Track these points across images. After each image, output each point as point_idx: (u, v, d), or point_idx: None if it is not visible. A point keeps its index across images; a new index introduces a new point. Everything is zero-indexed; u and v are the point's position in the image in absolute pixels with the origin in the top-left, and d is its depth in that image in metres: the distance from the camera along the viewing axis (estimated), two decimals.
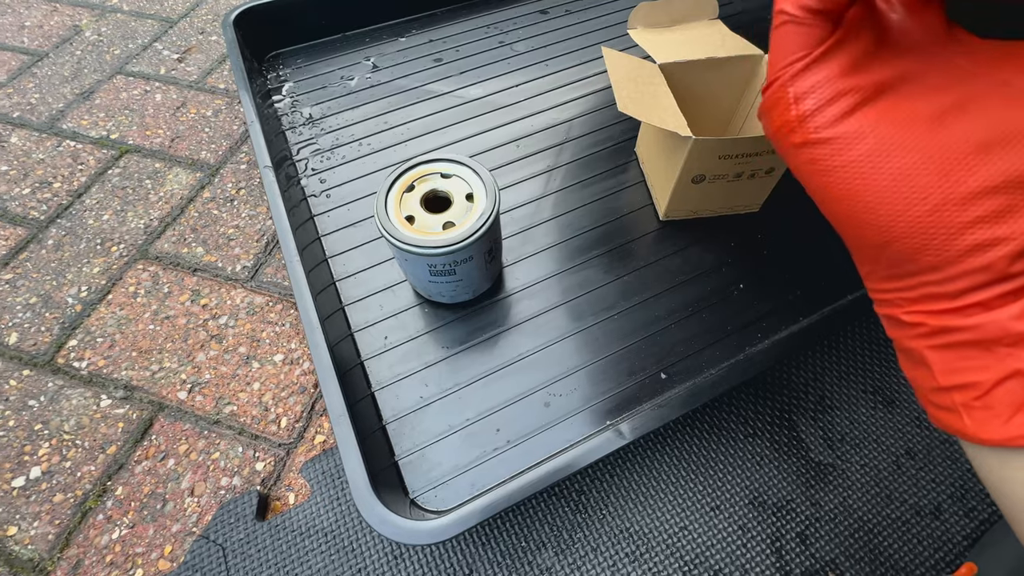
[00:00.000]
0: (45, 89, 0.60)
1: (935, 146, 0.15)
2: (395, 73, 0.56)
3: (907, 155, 0.15)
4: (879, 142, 0.15)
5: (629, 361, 0.38)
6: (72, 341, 0.42)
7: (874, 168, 0.15)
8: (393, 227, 0.34)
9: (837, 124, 0.16)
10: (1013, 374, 0.14)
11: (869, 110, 0.16)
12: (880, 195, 0.15)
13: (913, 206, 0.15)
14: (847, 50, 0.16)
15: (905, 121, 0.15)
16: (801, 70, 0.16)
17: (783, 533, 0.33)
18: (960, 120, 0.15)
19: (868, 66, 0.16)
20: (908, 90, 0.16)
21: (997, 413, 0.15)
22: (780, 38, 0.17)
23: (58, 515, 0.35)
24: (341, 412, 0.31)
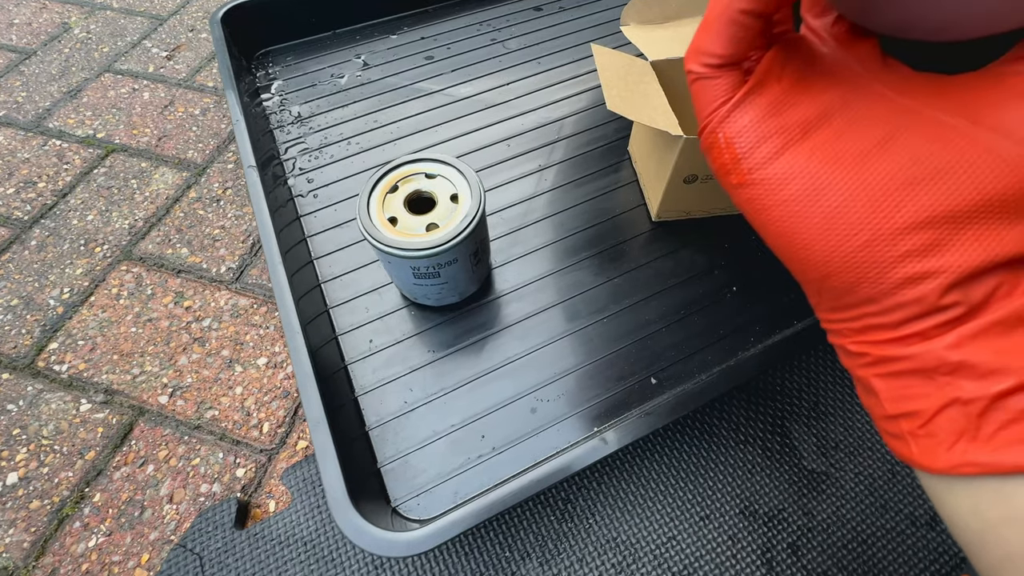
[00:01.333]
0: (32, 87, 0.59)
1: (862, 184, 0.15)
2: (386, 71, 0.56)
3: (836, 194, 0.15)
4: (809, 181, 0.16)
5: (619, 366, 0.37)
6: (53, 344, 0.41)
7: (806, 207, 0.16)
8: (375, 229, 0.33)
9: (767, 166, 0.16)
10: (952, 402, 0.14)
11: (798, 150, 0.16)
12: (814, 232, 0.16)
13: (845, 242, 0.15)
14: (766, 93, 0.17)
15: (833, 160, 0.16)
16: (725, 116, 0.17)
17: (774, 543, 0.32)
18: (887, 157, 0.15)
19: (794, 104, 0.16)
20: (836, 127, 0.16)
21: (940, 441, 0.15)
22: (697, 92, 0.17)
23: (34, 522, 0.34)
24: (319, 419, 0.30)
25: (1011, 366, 0.14)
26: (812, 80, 0.17)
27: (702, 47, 0.17)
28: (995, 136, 0.14)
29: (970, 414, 0.14)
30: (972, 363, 0.14)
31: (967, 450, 0.14)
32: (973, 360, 0.14)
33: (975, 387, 0.14)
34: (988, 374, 0.14)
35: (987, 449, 0.14)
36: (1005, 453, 0.14)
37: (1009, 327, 0.14)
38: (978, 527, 0.15)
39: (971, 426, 0.14)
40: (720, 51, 0.16)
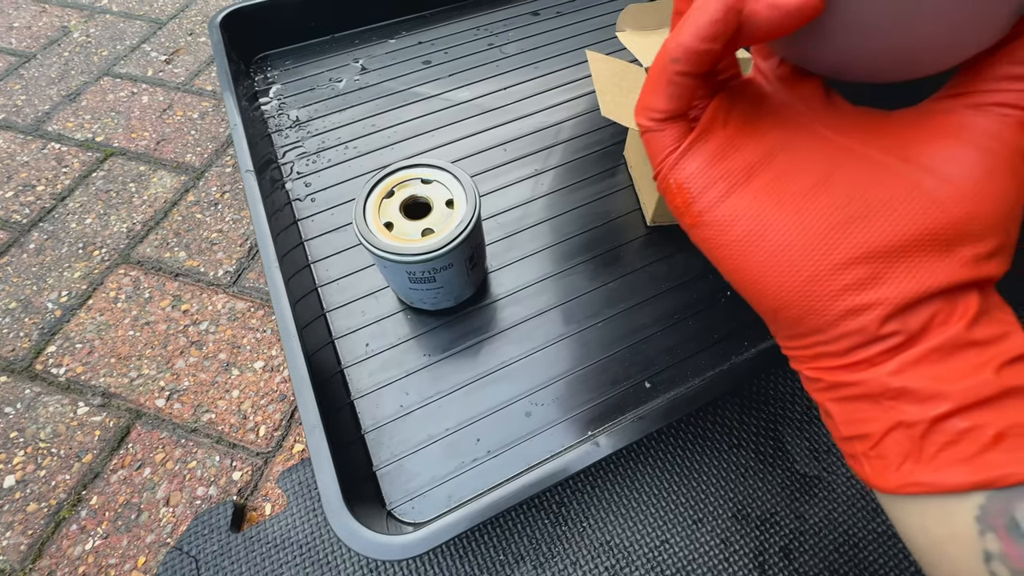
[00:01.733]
0: (32, 91, 0.59)
1: (802, 223, 0.16)
2: (384, 75, 0.56)
3: (779, 234, 0.16)
4: (753, 222, 0.17)
5: (613, 370, 0.37)
6: (51, 347, 0.42)
7: (752, 246, 0.17)
8: (371, 234, 0.33)
9: (715, 208, 0.17)
10: (897, 425, 0.15)
11: (742, 192, 0.17)
12: (761, 270, 0.17)
13: (789, 278, 0.16)
14: (712, 140, 0.17)
15: (775, 201, 0.17)
16: (674, 164, 0.18)
17: (766, 547, 0.32)
18: (824, 197, 0.16)
19: (738, 148, 0.17)
20: (778, 169, 0.17)
21: (888, 462, 0.16)
22: (649, 143, 0.18)
23: (31, 525, 0.34)
24: (315, 423, 0.31)
25: (948, 391, 0.14)
26: (757, 123, 0.18)
27: (647, 103, 0.18)
28: (922, 173, 0.15)
29: (913, 436, 0.15)
30: (913, 389, 0.15)
31: (912, 471, 0.15)
32: (913, 386, 0.15)
33: (916, 411, 0.15)
34: (927, 399, 0.15)
35: (929, 469, 0.15)
36: (946, 473, 0.15)
37: (946, 353, 0.15)
38: (927, 544, 0.16)
39: (915, 448, 0.15)
40: (663, 107, 0.17)
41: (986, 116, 0.15)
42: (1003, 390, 0.14)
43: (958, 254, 0.15)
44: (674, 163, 0.18)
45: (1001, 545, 0.14)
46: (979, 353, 0.15)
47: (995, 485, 0.14)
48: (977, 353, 0.15)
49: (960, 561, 0.15)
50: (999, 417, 0.14)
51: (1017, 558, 0.14)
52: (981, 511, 0.14)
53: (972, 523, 0.14)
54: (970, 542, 0.14)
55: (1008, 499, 0.14)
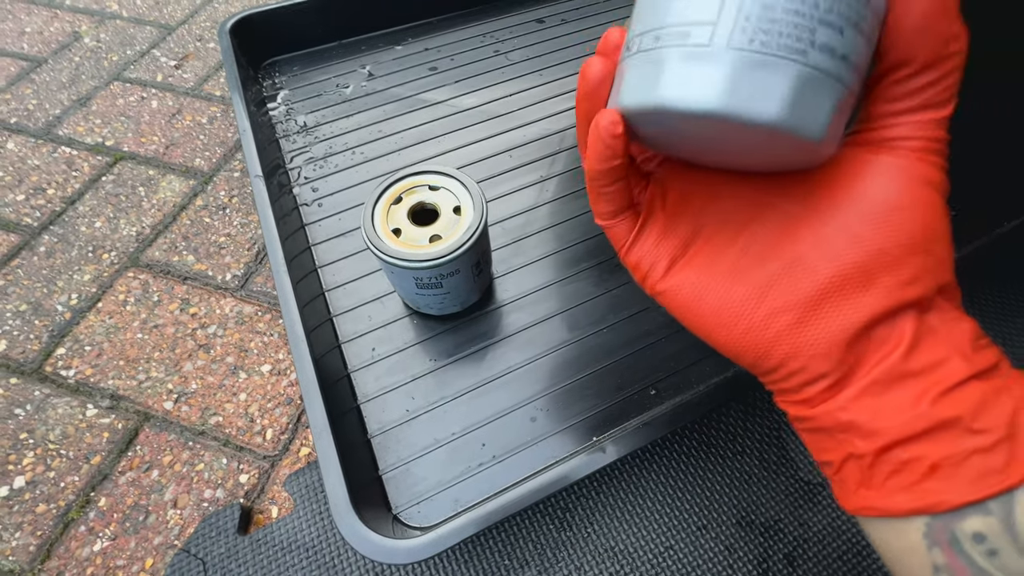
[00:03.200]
0: (43, 95, 0.60)
1: (731, 287, 0.18)
2: (390, 81, 0.56)
3: (714, 296, 0.19)
4: (693, 289, 0.19)
5: (618, 376, 0.37)
6: (60, 349, 0.42)
7: (696, 308, 0.19)
8: (379, 240, 0.33)
9: (662, 281, 0.20)
10: (849, 456, 0.17)
11: (682, 267, 0.20)
12: (709, 326, 0.19)
13: (731, 331, 0.18)
14: (652, 228, 0.20)
15: (708, 271, 0.19)
16: (627, 251, 0.21)
17: (771, 554, 0.32)
18: (748, 259, 0.18)
19: (675, 227, 0.20)
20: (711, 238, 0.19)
21: (847, 487, 0.17)
22: (608, 235, 0.22)
23: (40, 526, 0.35)
24: (323, 427, 0.31)
25: (886, 426, 0.16)
26: (689, 198, 0.20)
27: (594, 208, 0.21)
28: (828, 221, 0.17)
29: (863, 466, 0.16)
30: (857, 423, 0.16)
31: (866, 496, 0.17)
32: (858, 420, 0.16)
33: (863, 444, 0.16)
34: (870, 433, 0.16)
35: (879, 496, 0.16)
36: (892, 499, 0.16)
37: (884, 385, 0.16)
38: (890, 556, 0.18)
39: (865, 476, 0.17)
40: (605, 210, 0.21)
41: (884, 152, 0.16)
42: (937, 422, 0.15)
43: (877, 286, 0.16)
44: (627, 249, 0.21)
45: (945, 559, 0.15)
46: (916, 383, 0.16)
47: (933, 511, 0.15)
48: (915, 383, 0.16)
49: (916, 571, 0.16)
50: (935, 448, 0.15)
51: (958, 570, 0.15)
52: (927, 528, 0.16)
53: (921, 539, 0.16)
54: (922, 555, 0.16)
55: (948, 520, 0.15)
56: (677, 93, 0.14)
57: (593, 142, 0.18)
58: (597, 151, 0.18)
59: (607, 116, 0.17)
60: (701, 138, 0.16)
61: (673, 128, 0.16)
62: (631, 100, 0.16)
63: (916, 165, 0.16)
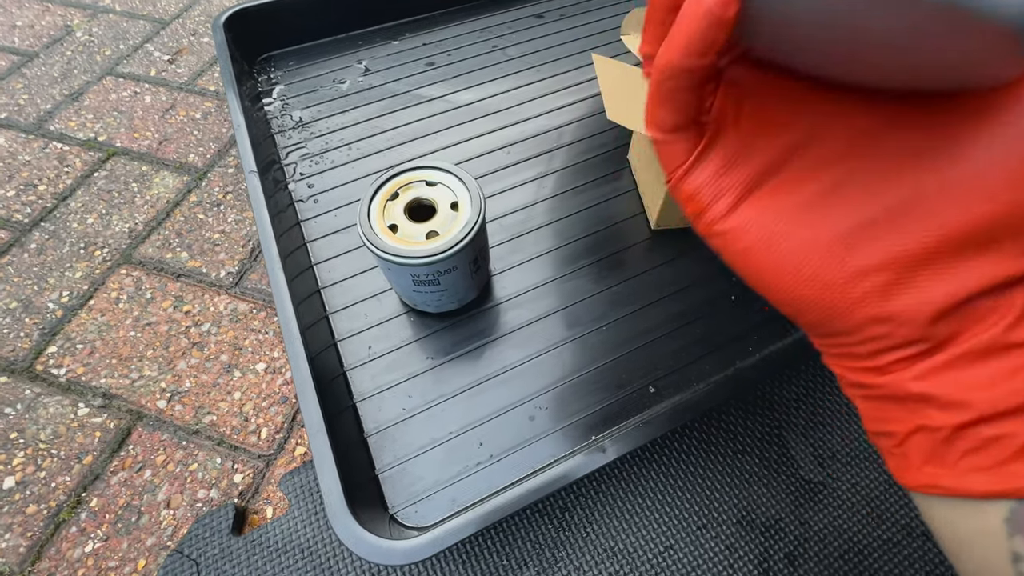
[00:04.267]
0: (34, 90, 0.59)
1: (813, 232, 0.15)
2: (387, 77, 0.56)
3: (789, 243, 0.16)
4: (763, 233, 0.16)
5: (617, 374, 0.37)
6: (51, 347, 0.41)
7: (763, 255, 0.16)
8: (375, 236, 0.33)
9: (724, 220, 0.17)
10: (920, 428, 0.15)
11: (751, 203, 0.16)
12: (774, 278, 0.16)
13: (804, 287, 0.16)
14: (719, 150, 0.17)
15: (784, 210, 0.16)
16: (683, 175, 0.17)
17: (771, 553, 0.32)
18: (840, 200, 0.15)
19: (750, 151, 0.16)
20: (794, 170, 0.16)
21: (911, 462, 0.16)
22: (660, 154, 0.18)
23: (30, 527, 0.34)
24: (319, 426, 0.30)
25: (972, 399, 0.14)
26: (772, 116, 0.16)
27: (652, 116, 0.17)
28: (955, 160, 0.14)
29: (936, 440, 0.15)
30: (936, 395, 0.14)
31: (934, 473, 0.15)
32: (937, 392, 0.14)
33: (940, 416, 0.14)
34: (951, 406, 0.14)
35: (952, 474, 0.15)
36: (968, 479, 0.14)
37: (977, 357, 0.14)
38: (953, 539, 0.16)
39: (937, 451, 0.15)
40: (669, 120, 0.16)
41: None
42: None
43: (997, 250, 0.13)
44: (684, 174, 0.17)
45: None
46: (1018, 357, 0.14)
47: (1018, 495, 0.14)
48: (1016, 357, 0.14)
49: (988, 559, 0.15)
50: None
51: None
52: (1011, 513, 0.14)
53: (1001, 524, 0.14)
54: (998, 541, 0.14)
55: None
56: None
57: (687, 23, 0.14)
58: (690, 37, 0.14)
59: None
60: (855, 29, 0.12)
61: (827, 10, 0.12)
62: None
63: None
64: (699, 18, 0.13)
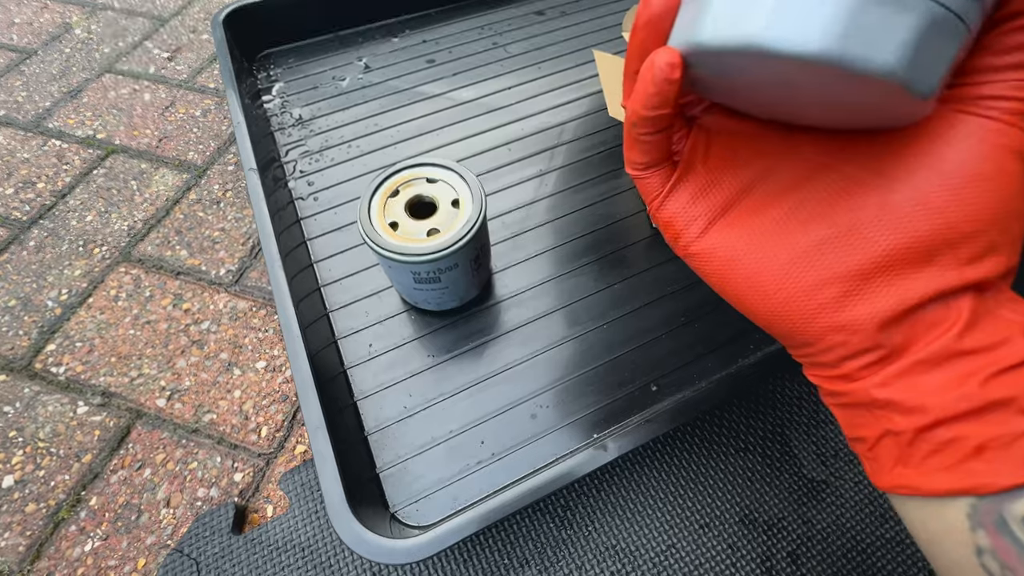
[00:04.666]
0: (32, 87, 0.59)
1: (773, 252, 0.17)
2: (387, 74, 0.56)
3: (752, 262, 0.17)
4: (729, 252, 0.18)
5: (619, 372, 0.37)
6: (50, 346, 0.41)
7: (731, 273, 0.18)
8: (376, 234, 0.33)
9: (697, 242, 0.19)
10: (886, 432, 0.16)
11: (720, 226, 0.18)
12: (743, 293, 0.18)
13: (768, 300, 0.17)
14: (692, 179, 0.19)
15: (748, 233, 0.18)
16: (659, 206, 0.20)
17: (774, 552, 0.32)
18: (798, 223, 0.17)
19: (717, 184, 0.18)
20: (755, 199, 0.18)
21: (882, 464, 0.17)
22: (639, 188, 0.20)
23: (30, 526, 0.34)
24: (319, 424, 0.30)
25: (930, 404, 0.15)
26: (736, 152, 0.18)
27: (627, 156, 0.19)
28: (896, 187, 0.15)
29: (901, 443, 0.16)
30: (897, 401, 0.15)
31: (902, 474, 0.16)
32: (898, 398, 0.15)
33: (903, 420, 0.15)
34: (911, 411, 0.15)
35: (917, 474, 0.16)
36: (932, 479, 0.15)
37: (932, 365, 0.15)
38: (926, 537, 0.17)
39: (903, 454, 0.16)
40: (639, 160, 0.19)
41: (970, 116, 0.14)
42: (987, 403, 0.14)
43: (939, 263, 0.15)
44: (660, 204, 0.19)
45: (991, 541, 0.15)
46: (969, 363, 0.15)
47: (976, 492, 0.15)
48: (967, 363, 0.15)
49: (955, 553, 0.16)
50: (981, 429, 0.14)
51: (1005, 552, 0.14)
52: (972, 509, 0.15)
53: (964, 520, 0.15)
54: (963, 536, 0.15)
55: (996, 501, 0.14)
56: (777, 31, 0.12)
57: (643, 84, 0.16)
58: (645, 95, 0.16)
59: (665, 56, 0.15)
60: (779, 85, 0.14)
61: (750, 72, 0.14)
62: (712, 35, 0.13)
63: (1007, 131, 0.14)
64: (652, 79, 0.16)
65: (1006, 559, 0.14)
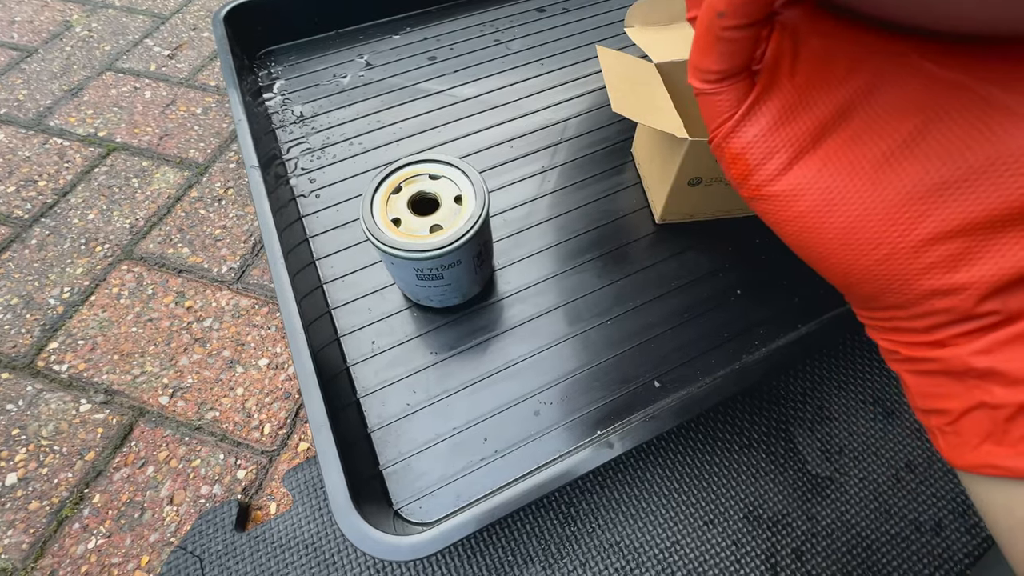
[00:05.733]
0: (33, 85, 0.59)
1: (879, 195, 0.14)
2: (388, 71, 0.55)
3: (850, 208, 0.14)
4: (821, 195, 0.15)
5: (622, 369, 0.37)
6: (53, 343, 0.41)
7: (819, 222, 0.15)
8: (379, 230, 0.33)
9: (776, 181, 0.15)
10: (980, 405, 0.14)
11: (808, 161, 0.15)
12: (830, 247, 0.15)
13: (863, 256, 0.14)
14: (775, 97, 0.15)
15: (847, 170, 0.14)
16: (730, 132, 0.16)
17: (778, 549, 0.32)
18: (912, 159, 0.13)
19: (807, 105, 0.15)
20: (856, 126, 0.14)
21: (966, 440, 0.15)
22: (703, 105, 0.16)
23: (33, 523, 0.34)
24: (322, 422, 0.30)
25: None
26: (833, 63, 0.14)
27: (697, 64, 0.15)
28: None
29: (997, 419, 0.14)
30: (1002, 371, 0.13)
31: (992, 452, 0.14)
32: (1003, 367, 0.13)
33: (1004, 393, 0.13)
34: (1018, 381, 0.13)
35: (1012, 454, 0.14)
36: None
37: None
38: (1009, 523, 0.15)
39: (997, 430, 0.14)
40: (715, 67, 0.15)
41: None
42: None
43: None
44: (729, 131, 0.16)
45: None
46: None
47: None
48: None
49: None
50: None
51: None
52: None
53: None
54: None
55: None
56: None
57: None
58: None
59: None
60: None
61: None
62: None
63: None
64: None
65: None
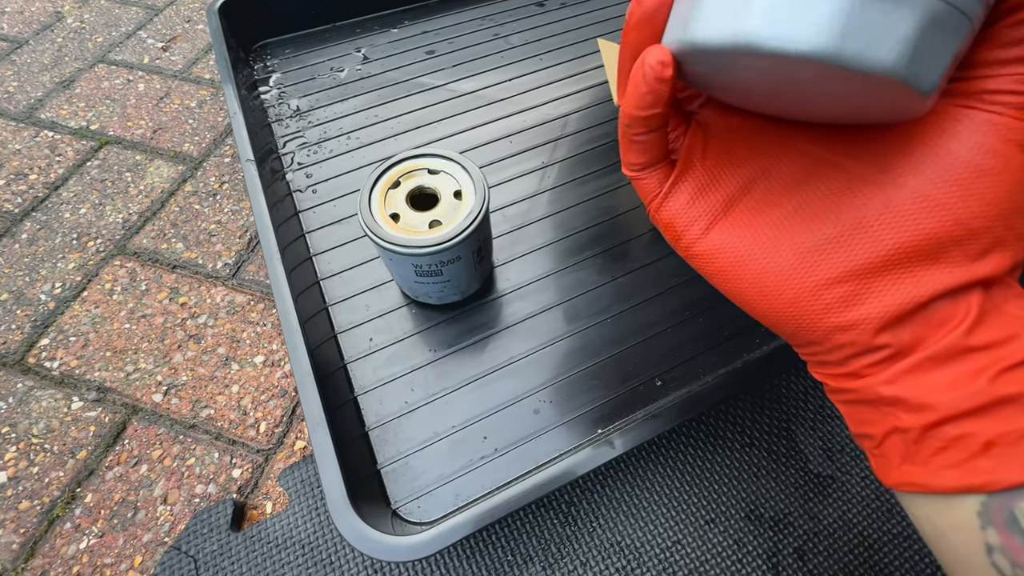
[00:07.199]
0: (24, 77, 0.58)
1: (777, 251, 0.17)
2: (386, 65, 0.55)
3: (757, 261, 0.17)
4: (734, 253, 0.18)
5: (623, 367, 0.36)
6: (44, 340, 0.40)
7: (736, 274, 0.18)
8: (377, 226, 0.32)
9: (699, 242, 0.18)
10: (893, 430, 0.16)
11: (721, 226, 0.18)
12: (748, 294, 0.18)
13: (775, 300, 0.17)
14: (691, 177, 0.19)
15: (752, 231, 0.17)
16: (658, 207, 0.19)
17: (780, 548, 0.32)
18: (801, 221, 0.16)
19: (716, 183, 0.18)
20: (757, 196, 0.17)
21: (888, 461, 0.17)
22: (636, 187, 0.20)
23: (24, 523, 0.33)
24: (319, 420, 0.30)
25: (937, 401, 0.15)
26: (735, 149, 0.18)
27: (623, 157, 0.19)
28: (899, 185, 0.15)
29: (908, 441, 0.16)
30: (905, 398, 0.15)
31: (909, 471, 0.16)
32: (905, 395, 0.15)
33: (910, 418, 0.15)
34: (918, 408, 0.15)
35: (924, 472, 0.15)
36: (939, 476, 0.15)
37: (940, 362, 0.15)
38: (933, 533, 0.17)
39: (910, 451, 0.16)
40: (636, 161, 0.19)
41: (973, 110, 0.14)
42: (995, 399, 0.14)
43: (947, 259, 0.15)
44: (659, 205, 0.19)
45: (1001, 539, 0.14)
46: (977, 359, 0.15)
47: (986, 489, 0.14)
48: (975, 359, 0.15)
49: (964, 551, 0.16)
50: (990, 425, 0.14)
51: (1016, 551, 0.14)
52: (982, 507, 0.15)
53: (974, 518, 0.15)
54: (972, 534, 0.15)
55: (1006, 498, 0.14)
56: (773, 30, 0.12)
57: (635, 84, 0.16)
58: (638, 95, 0.16)
59: (655, 54, 0.15)
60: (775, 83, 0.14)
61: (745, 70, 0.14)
62: (705, 34, 0.13)
63: (1011, 125, 0.14)
64: (644, 79, 0.15)
65: (1017, 557, 0.14)
